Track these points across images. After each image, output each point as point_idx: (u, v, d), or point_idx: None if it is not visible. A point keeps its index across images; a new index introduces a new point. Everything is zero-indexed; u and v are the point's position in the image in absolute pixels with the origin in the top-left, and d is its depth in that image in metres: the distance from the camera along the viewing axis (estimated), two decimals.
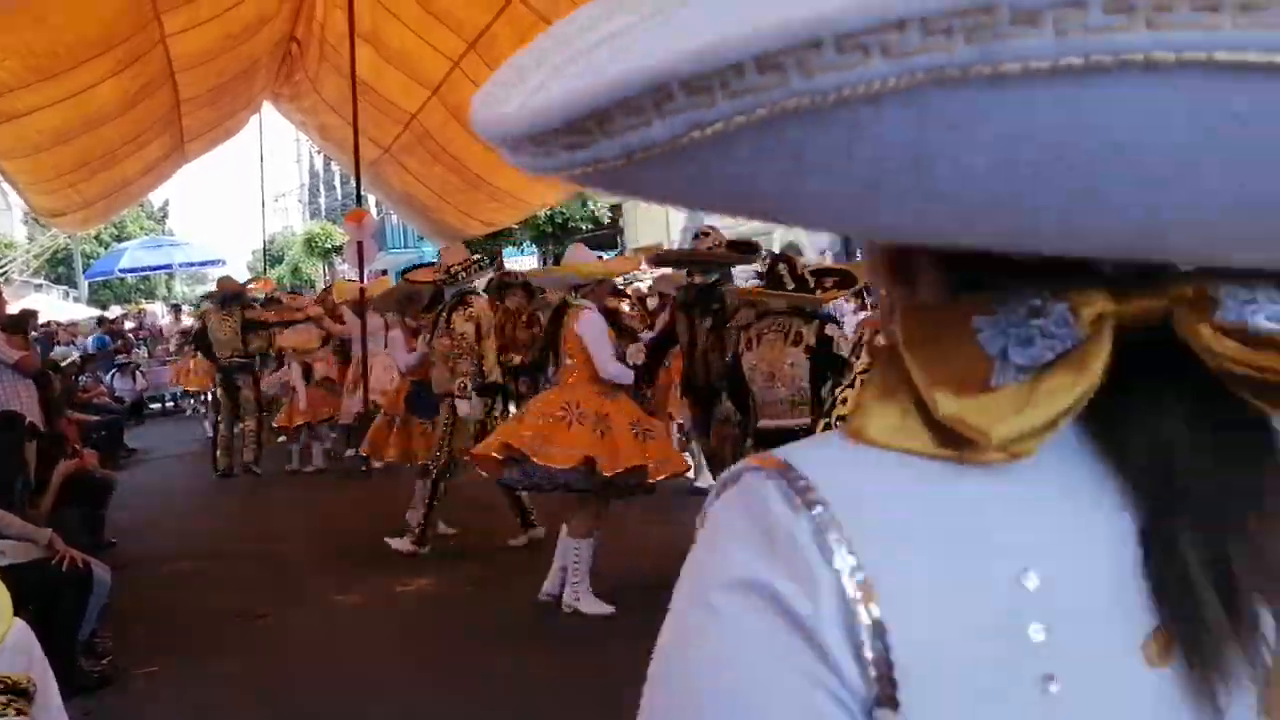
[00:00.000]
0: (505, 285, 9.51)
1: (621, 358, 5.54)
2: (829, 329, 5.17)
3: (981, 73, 0.38)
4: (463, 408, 6.47)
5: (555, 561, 5.50)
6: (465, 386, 6.45)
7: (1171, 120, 0.39)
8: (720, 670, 0.51)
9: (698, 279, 6.03)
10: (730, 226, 16.60)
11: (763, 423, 5.26)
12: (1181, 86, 0.38)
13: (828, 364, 5.02)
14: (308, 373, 10.44)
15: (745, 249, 6.11)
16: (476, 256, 6.93)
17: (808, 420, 5.06)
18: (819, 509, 0.51)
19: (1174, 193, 0.43)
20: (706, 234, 6.05)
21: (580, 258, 5.93)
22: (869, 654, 0.49)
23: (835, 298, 5.62)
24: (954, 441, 0.53)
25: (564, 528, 5.47)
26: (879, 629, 0.49)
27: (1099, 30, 0.37)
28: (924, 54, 0.38)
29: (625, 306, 10.02)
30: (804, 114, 0.40)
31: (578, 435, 5.23)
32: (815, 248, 14.27)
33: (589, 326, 5.41)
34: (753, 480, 0.55)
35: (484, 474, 5.70)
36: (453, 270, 6.62)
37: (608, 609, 5.28)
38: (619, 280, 9.26)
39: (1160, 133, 0.40)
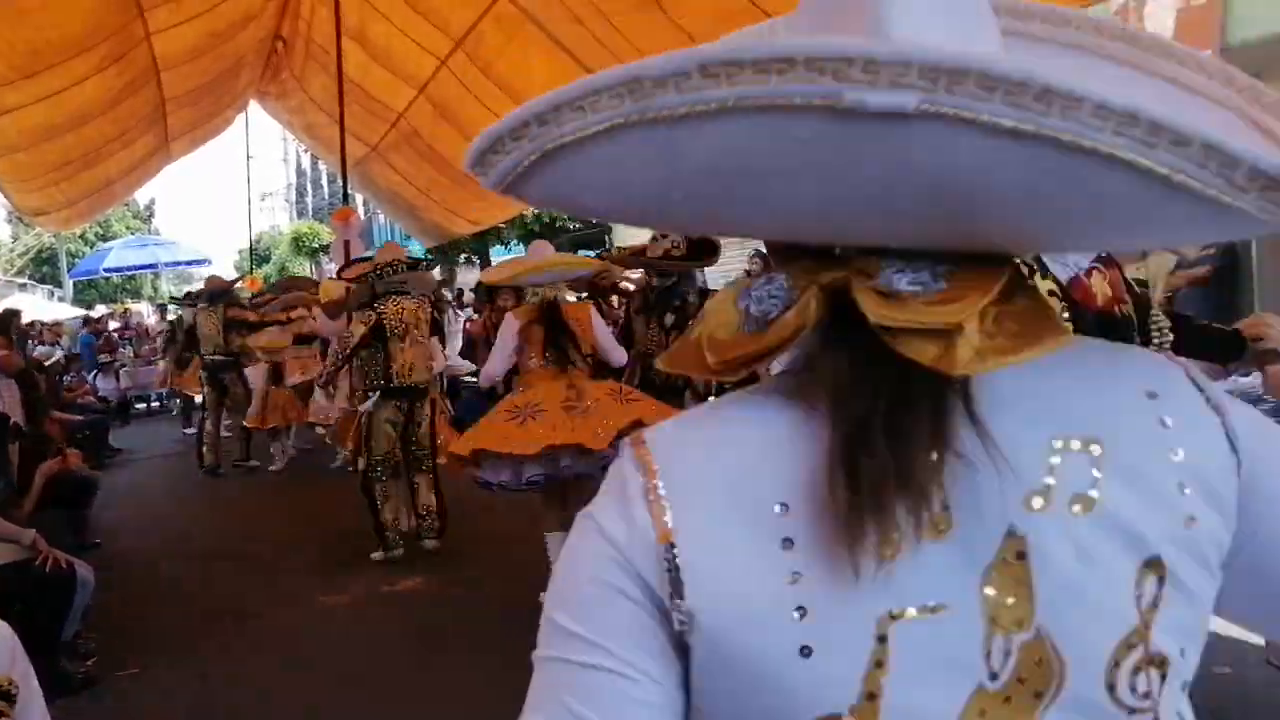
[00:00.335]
0: (495, 286, 9.48)
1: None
2: None
3: (635, 119, 0.61)
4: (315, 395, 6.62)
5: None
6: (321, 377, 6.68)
7: (759, 144, 0.61)
8: (567, 565, 0.82)
9: (655, 281, 5.94)
10: None
11: None
12: (757, 121, 0.59)
13: None
14: (278, 374, 10.41)
15: (706, 249, 5.90)
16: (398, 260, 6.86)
17: None
18: (648, 474, 0.78)
19: (783, 195, 0.66)
20: (665, 234, 5.78)
21: (544, 253, 5.90)
22: (665, 566, 0.74)
23: None
24: (714, 372, 0.77)
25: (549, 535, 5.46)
26: (670, 549, 0.74)
27: (699, 88, 0.59)
28: (606, 110, 0.62)
29: (615, 302, 9.96)
30: (563, 152, 0.66)
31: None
32: None
33: (599, 319, 5.60)
34: (624, 449, 0.81)
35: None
36: (379, 269, 6.65)
37: None
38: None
39: (756, 154, 0.62)
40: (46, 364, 12.51)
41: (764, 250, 8.20)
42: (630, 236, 19.82)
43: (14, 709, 3.17)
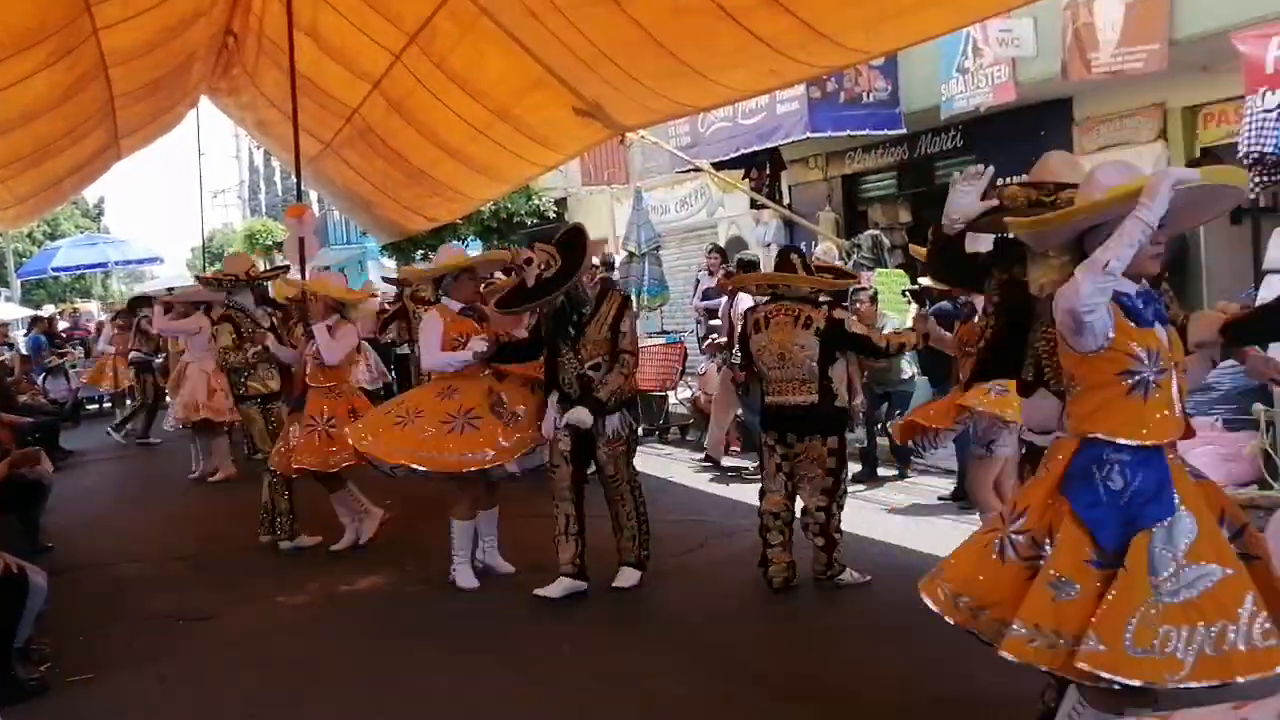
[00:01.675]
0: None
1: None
2: (838, 311, 5.60)
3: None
4: None
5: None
6: None
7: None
8: None
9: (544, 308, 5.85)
10: (675, 220, 16.49)
11: (769, 399, 5.58)
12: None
13: (839, 344, 5.46)
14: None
15: (572, 263, 5.56)
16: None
17: (815, 398, 5.42)
18: None
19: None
20: (529, 260, 5.58)
21: (450, 258, 6.39)
22: None
23: (848, 285, 6.56)
24: None
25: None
26: None
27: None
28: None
29: None
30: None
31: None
32: (759, 241, 14.34)
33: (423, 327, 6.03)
34: None
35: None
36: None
37: (475, 583, 5.80)
38: None
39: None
40: None
41: (719, 245, 8.43)
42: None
43: None
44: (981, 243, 3.84)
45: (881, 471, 8.29)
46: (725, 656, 4.70)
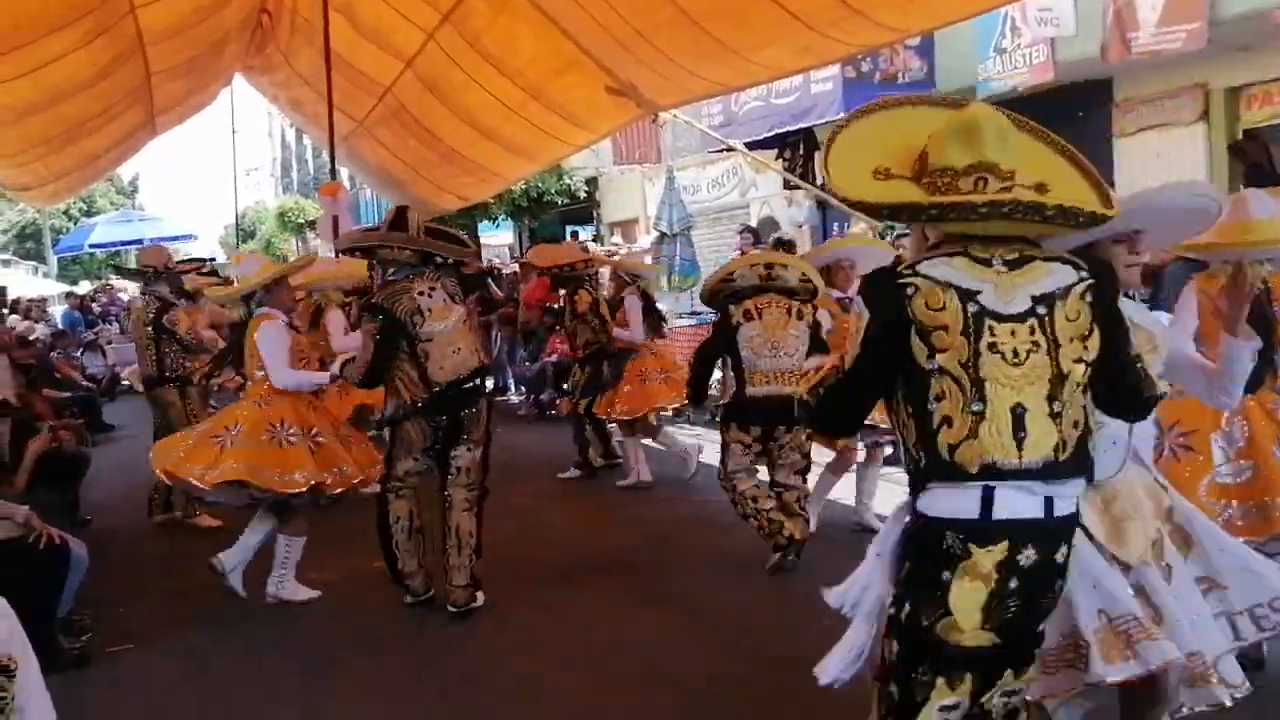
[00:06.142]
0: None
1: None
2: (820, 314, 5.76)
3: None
4: None
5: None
6: None
7: None
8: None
9: None
10: (707, 200, 16.45)
11: (752, 390, 5.57)
12: None
13: (817, 343, 5.62)
14: None
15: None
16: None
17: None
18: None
19: None
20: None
21: (251, 269, 5.90)
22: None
23: None
24: None
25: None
26: None
27: None
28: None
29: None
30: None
31: (295, 455, 5.24)
32: (791, 222, 14.27)
33: (263, 338, 5.39)
34: None
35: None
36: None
37: (315, 593, 5.56)
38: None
39: None
40: (30, 339, 12.48)
41: (752, 225, 8.44)
42: (619, 212, 19.77)
43: (13, 684, 3.19)
44: None
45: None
46: (757, 639, 4.71)
